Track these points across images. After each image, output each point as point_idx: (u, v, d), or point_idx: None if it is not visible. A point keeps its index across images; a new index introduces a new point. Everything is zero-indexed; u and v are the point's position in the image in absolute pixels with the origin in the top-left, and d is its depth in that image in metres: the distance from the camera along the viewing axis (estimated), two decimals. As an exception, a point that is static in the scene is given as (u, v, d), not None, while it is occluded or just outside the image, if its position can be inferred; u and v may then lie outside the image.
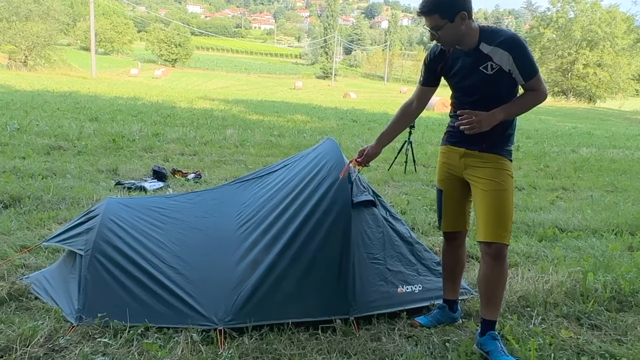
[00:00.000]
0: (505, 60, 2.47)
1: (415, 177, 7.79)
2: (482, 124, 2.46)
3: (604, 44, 57.84)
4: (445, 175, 2.83)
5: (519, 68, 2.48)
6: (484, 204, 2.59)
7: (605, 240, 4.92)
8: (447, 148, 2.81)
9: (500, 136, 2.61)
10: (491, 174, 2.60)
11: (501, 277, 2.61)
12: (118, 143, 8.74)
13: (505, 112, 2.52)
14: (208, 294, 2.73)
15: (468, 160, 2.68)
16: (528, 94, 2.57)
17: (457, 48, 2.60)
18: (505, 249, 2.58)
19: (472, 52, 2.53)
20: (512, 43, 2.46)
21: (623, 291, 3.46)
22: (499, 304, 2.68)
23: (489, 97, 2.56)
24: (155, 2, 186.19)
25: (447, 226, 2.89)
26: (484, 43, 2.50)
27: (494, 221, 2.55)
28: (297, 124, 15.47)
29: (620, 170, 10.01)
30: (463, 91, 2.65)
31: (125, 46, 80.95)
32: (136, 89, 29.68)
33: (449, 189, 2.83)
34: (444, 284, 3.00)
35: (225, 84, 63.72)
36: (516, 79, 2.52)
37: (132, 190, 5.74)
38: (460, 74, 2.60)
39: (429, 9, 2.46)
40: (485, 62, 2.50)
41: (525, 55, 2.48)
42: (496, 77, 2.51)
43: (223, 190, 3.52)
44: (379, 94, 65.26)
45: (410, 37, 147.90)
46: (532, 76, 2.51)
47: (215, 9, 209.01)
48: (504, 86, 2.55)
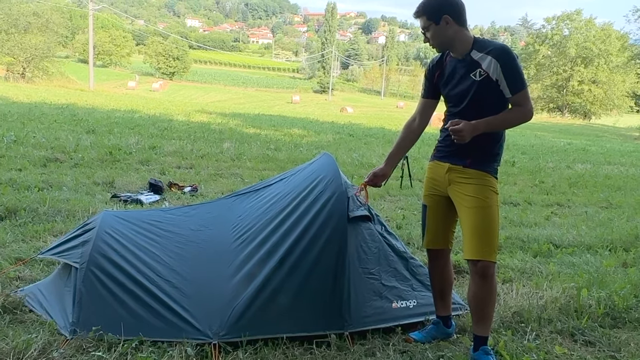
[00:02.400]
0: (493, 67, 2.52)
1: (411, 192, 7.81)
2: (464, 134, 2.49)
3: (599, 61, 58.42)
4: (430, 191, 2.87)
5: (506, 79, 2.52)
6: (469, 221, 2.61)
7: (599, 256, 4.94)
8: (434, 164, 2.85)
9: (485, 152, 2.64)
10: (475, 190, 2.62)
11: (490, 295, 2.63)
12: (115, 156, 8.75)
13: (486, 124, 2.54)
14: (203, 308, 2.73)
15: (452, 175, 2.71)
16: (513, 110, 2.60)
17: (452, 57, 2.68)
18: (492, 266, 2.59)
19: (464, 59, 2.62)
20: (502, 52, 2.53)
21: (617, 307, 3.47)
22: (489, 320, 2.70)
23: (474, 105, 2.60)
24: (154, 16, 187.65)
25: (429, 243, 2.91)
26: (475, 50, 2.59)
27: (478, 239, 2.58)
28: (294, 138, 15.52)
29: (614, 187, 10.07)
30: (453, 99, 2.71)
31: (124, 59, 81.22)
32: (134, 102, 29.75)
33: (433, 206, 2.86)
34: (435, 301, 3.01)
35: (223, 98, 63.90)
36: (503, 91, 2.55)
37: (129, 203, 5.75)
38: (453, 81, 2.67)
39: (417, 11, 2.65)
40: (475, 68, 2.57)
41: (513, 66, 2.53)
42: (483, 85, 2.56)
43: (219, 204, 3.54)
44: (375, 109, 65.54)
45: (407, 52, 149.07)
46: (518, 90, 2.54)
47: (214, 23, 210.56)
48: (490, 96, 2.58)
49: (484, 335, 2.68)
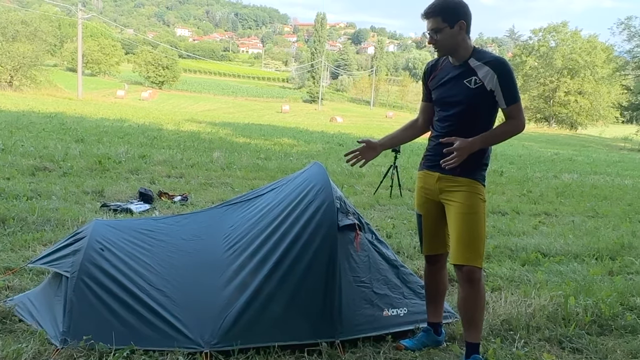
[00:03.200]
0: (489, 78, 2.57)
1: (401, 201, 7.87)
2: (460, 155, 2.54)
3: (585, 73, 59.31)
4: (423, 199, 2.90)
5: (502, 90, 2.58)
6: (456, 227, 2.67)
7: (586, 264, 5.01)
8: (424, 173, 2.89)
9: (474, 161, 2.68)
10: (464, 197, 2.67)
11: (477, 300, 2.67)
12: (104, 165, 8.72)
13: (482, 140, 2.60)
14: (194, 317, 2.73)
15: (443, 184, 2.75)
16: (508, 122, 2.65)
17: (449, 62, 2.73)
18: (477, 272, 2.64)
19: (460, 66, 2.66)
20: (500, 64, 2.59)
21: (603, 315, 3.52)
22: (479, 326, 2.74)
23: (466, 113, 2.64)
24: (143, 25, 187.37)
25: (428, 249, 2.95)
26: (474, 58, 2.64)
27: (464, 244, 2.63)
28: (283, 148, 15.56)
29: (601, 196, 10.20)
30: (443, 104, 2.73)
31: (113, 68, 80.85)
32: (123, 111, 29.64)
33: (427, 213, 2.89)
34: (427, 307, 3.05)
35: (213, 107, 63.83)
36: (498, 102, 2.61)
37: (118, 212, 5.73)
38: (445, 85, 2.71)
39: (433, 11, 2.61)
40: (470, 76, 2.62)
41: (510, 78, 2.59)
42: (477, 94, 2.60)
43: (211, 213, 3.55)
44: (365, 119, 65.81)
45: (396, 63, 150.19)
46: (513, 102, 2.60)
47: (204, 32, 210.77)
48: (483, 106, 2.63)
49: (475, 342, 2.72)
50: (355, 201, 7.46)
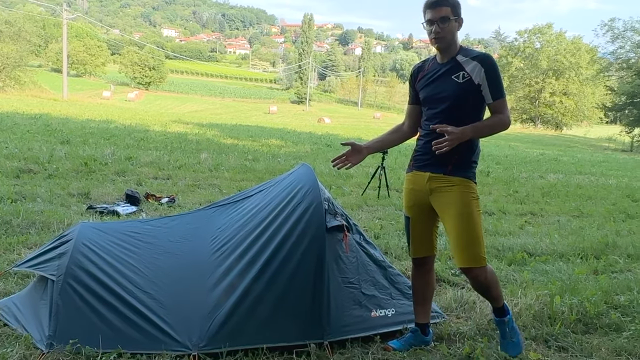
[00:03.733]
0: (476, 72, 2.64)
1: (389, 202, 7.90)
2: (452, 140, 2.54)
3: (569, 74, 60.00)
4: (412, 202, 2.91)
5: (489, 84, 2.64)
6: (454, 230, 2.71)
7: (571, 264, 5.06)
8: (413, 174, 2.89)
9: (464, 158, 2.72)
10: (457, 198, 2.70)
11: (489, 286, 2.79)
12: (90, 166, 8.64)
13: (473, 130, 2.62)
14: (182, 319, 2.72)
15: (434, 184, 2.77)
16: (495, 117, 2.71)
17: (436, 61, 2.79)
18: (484, 269, 2.74)
19: (448, 62, 2.72)
20: (486, 59, 2.67)
21: (588, 314, 3.56)
22: (498, 296, 2.87)
23: (454, 108, 2.68)
24: (129, 25, 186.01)
25: (416, 252, 2.96)
26: (461, 55, 2.71)
27: (467, 246, 2.69)
28: (271, 149, 15.54)
29: (585, 196, 10.33)
30: (432, 102, 2.76)
31: (98, 68, 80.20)
32: (109, 112, 29.40)
33: (415, 216, 2.91)
34: (415, 308, 3.06)
35: (200, 108, 63.56)
36: (485, 96, 2.67)
37: (105, 214, 5.68)
38: (434, 83, 2.75)
39: (444, 0, 2.64)
40: (458, 71, 2.68)
41: (496, 73, 2.67)
42: (465, 88, 2.65)
43: (198, 215, 3.54)
44: (352, 119, 65.96)
45: (384, 64, 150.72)
46: (499, 97, 2.67)
47: (190, 33, 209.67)
48: (470, 101, 2.68)
49: (497, 306, 2.88)
50: (343, 202, 7.47)
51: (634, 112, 43.88)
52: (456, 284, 4.20)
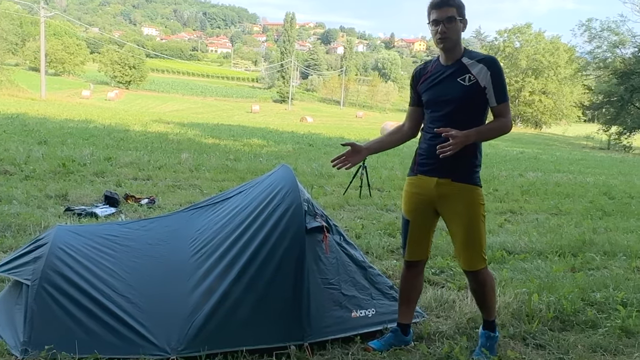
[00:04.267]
0: (483, 75, 2.64)
1: (370, 202, 7.92)
2: (456, 144, 2.54)
3: (548, 73, 60.85)
4: (415, 205, 2.89)
5: (494, 88, 2.66)
6: (461, 235, 2.79)
7: (549, 261, 5.13)
8: (418, 178, 2.86)
9: (470, 164, 2.76)
10: (465, 205, 2.75)
11: (487, 289, 2.90)
12: (68, 167, 8.51)
13: (477, 133, 2.64)
14: (161, 323, 2.70)
15: (442, 189, 2.77)
16: (498, 120, 2.74)
17: (439, 63, 2.77)
18: (485, 269, 2.88)
19: (453, 64, 2.71)
20: (493, 62, 2.69)
21: (565, 311, 3.62)
22: (492, 306, 2.98)
23: (459, 111, 2.68)
24: (109, 24, 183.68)
25: (411, 255, 2.96)
26: (466, 57, 2.71)
27: (472, 250, 2.79)
28: (253, 148, 15.48)
29: (564, 194, 10.48)
30: (436, 104, 2.75)
31: (77, 67, 79.04)
32: (88, 112, 29.01)
33: (417, 220, 2.89)
34: (400, 308, 3.07)
35: (181, 107, 63.07)
36: (489, 99, 2.68)
37: (83, 216, 5.60)
38: (439, 85, 2.74)
39: (449, 0, 2.65)
40: (464, 73, 2.67)
41: (501, 76, 2.69)
42: (471, 91, 2.65)
43: (177, 217, 3.51)
44: (335, 119, 66.06)
45: (366, 63, 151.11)
46: (503, 100, 2.70)
47: (171, 31, 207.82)
48: (475, 104, 2.69)
49: (489, 319, 2.98)
50: (324, 202, 7.47)
51: (611, 111, 44.65)
52: (436, 283, 4.23)
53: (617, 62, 44.22)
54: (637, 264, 5.24)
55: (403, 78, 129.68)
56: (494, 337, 3.00)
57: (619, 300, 3.90)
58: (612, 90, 43.03)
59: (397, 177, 10.94)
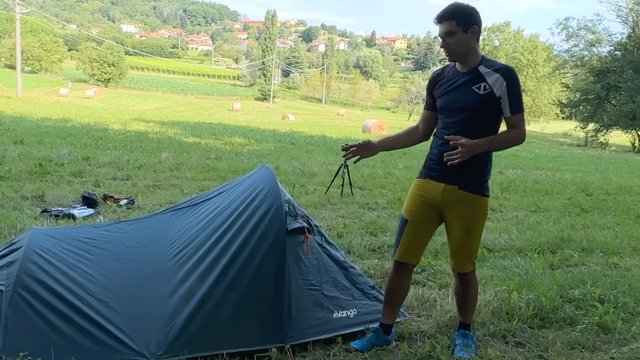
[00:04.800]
0: (498, 85, 2.62)
1: (352, 200, 7.92)
2: (464, 152, 2.54)
3: (527, 71, 61.54)
4: (417, 208, 2.88)
5: (509, 98, 2.63)
6: (458, 240, 2.85)
7: (529, 259, 5.18)
8: (426, 182, 2.86)
9: (478, 173, 2.77)
10: (468, 214, 2.79)
11: (471, 291, 3.00)
12: (45, 168, 8.35)
13: (487, 143, 2.63)
14: (139, 327, 2.65)
15: (448, 196, 2.77)
16: (511, 131, 2.70)
17: (456, 69, 2.76)
18: (473, 272, 2.97)
19: (469, 72, 2.70)
20: (510, 72, 2.65)
21: (544, 308, 3.66)
22: (472, 310, 3.07)
23: (472, 119, 2.67)
24: (87, 21, 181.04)
25: (402, 256, 2.94)
26: (483, 66, 2.68)
27: (466, 254, 2.88)
28: (234, 147, 15.38)
29: (542, 191, 10.61)
30: (450, 111, 2.75)
31: (55, 65, 77.79)
32: (66, 110, 28.55)
33: (415, 222, 2.88)
34: (384, 308, 3.05)
35: (161, 105, 62.45)
36: (504, 109, 2.66)
37: (60, 218, 5.49)
38: (454, 92, 2.73)
39: (446, 15, 2.64)
40: (479, 82, 2.65)
41: (517, 87, 2.66)
42: (485, 100, 2.64)
43: (156, 219, 3.46)
44: (317, 116, 66.04)
45: (347, 60, 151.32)
46: (518, 111, 2.67)
47: (151, 29, 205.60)
48: (488, 113, 2.68)
49: (466, 322, 3.05)
50: (306, 200, 7.45)
51: (588, 109, 45.34)
52: (417, 282, 4.24)
53: (594, 60, 44.93)
54: (614, 260, 5.34)
55: (384, 76, 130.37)
56: (470, 335, 3.05)
57: (597, 296, 3.96)
58: (589, 88, 43.73)
59: (379, 176, 10.97)
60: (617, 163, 23.08)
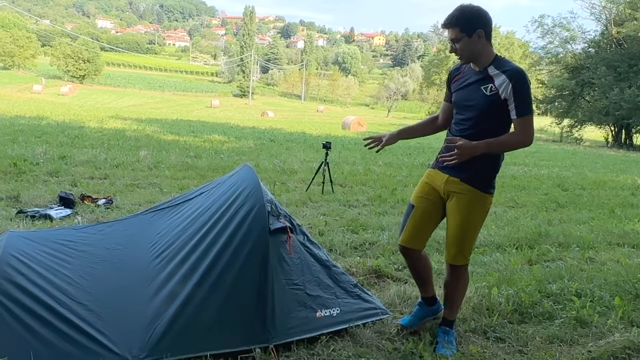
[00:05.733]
0: (504, 87, 2.65)
1: (333, 198, 7.93)
2: (461, 155, 2.64)
3: (503, 67, 62.21)
4: (423, 193, 3.02)
5: (515, 100, 2.64)
6: (454, 231, 2.91)
7: (507, 254, 5.26)
8: (434, 171, 3.02)
9: (483, 171, 2.82)
10: (465, 205, 2.85)
11: (458, 285, 3.05)
12: (20, 167, 8.18)
13: (486, 146, 2.68)
14: (121, 331, 2.62)
15: (449, 187, 2.89)
16: (515, 133, 2.73)
17: (470, 67, 2.83)
18: (463, 267, 3.02)
19: (480, 72, 2.77)
20: (517, 74, 2.65)
21: (524, 303, 3.72)
22: (457, 307, 3.14)
23: (480, 118, 2.74)
24: (60, 16, 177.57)
25: (405, 240, 3.06)
26: (493, 66, 2.73)
27: (460, 247, 2.94)
28: (214, 145, 15.26)
29: (519, 187, 10.77)
30: (460, 107, 2.86)
31: (28, 61, 76.17)
32: (40, 107, 27.99)
33: (421, 207, 3.02)
34: (418, 287, 3.29)
35: (138, 102, 61.65)
36: (510, 112, 2.68)
37: (37, 218, 5.39)
38: (464, 90, 2.83)
39: (450, 22, 2.70)
40: (487, 83, 2.71)
41: (525, 90, 2.66)
42: (491, 101, 2.68)
43: (136, 220, 3.42)
44: (296, 113, 65.92)
45: (326, 57, 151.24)
46: (524, 114, 2.67)
47: (127, 24, 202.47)
48: (495, 114, 2.71)
49: (450, 319, 3.10)
50: (287, 198, 7.44)
51: (563, 105, 46.16)
52: (399, 279, 4.28)
53: (569, 57, 45.71)
54: (590, 254, 5.46)
55: (363, 72, 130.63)
56: (451, 332, 3.11)
57: (574, 291, 4.06)
58: (563, 84, 44.48)
59: (359, 173, 11.01)
60: (591, 158, 23.58)
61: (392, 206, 7.60)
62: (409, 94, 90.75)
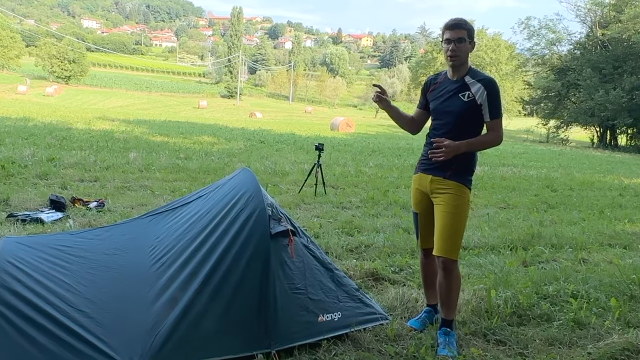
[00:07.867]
0: (480, 93, 3.04)
1: (326, 199, 7.92)
2: (447, 153, 2.99)
3: (490, 69, 62.63)
4: (418, 199, 3.31)
5: (489, 105, 3.05)
6: (440, 223, 3.10)
7: (502, 256, 5.29)
8: (419, 176, 3.30)
9: (463, 167, 3.12)
10: (450, 198, 3.09)
11: (451, 285, 3.12)
12: (8, 170, 8.06)
13: (467, 145, 3.06)
14: (122, 338, 2.58)
15: (434, 185, 3.16)
16: (489, 134, 3.14)
17: (447, 77, 3.17)
18: (453, 263, 3.11)
19: (457, 81, 3.12)
20: (491, 83, 3.07)
21: (522, 306, 3.74)
22: (453, 306, 3.17)
23: (457, 123, 3.08)
24: (45, 15, 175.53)
25: (424, 243, 3.35)
26: (469, 76, 3.11)
27: (445, 239, 3.08)
28: (204, 146, 15.19)
29: (510, 187, 10.85)
30: (439, 114, 3.17)
31: (12, 61, 75.12)
32: (26, 108, 27.63)
33: (422, 212, 3.31)
34: (425, 291, 3.50)
35: (125, 103, 61.14)
36: (484, 115, 3.07)
37: (28, 222, 5.30)
38: (442, 97, 3.15)
39: (461, 24, 3.06)
40: (465, 90, 3.08)
41: (497, 96, 3.07)
42: (468, 106, 3.05)
43: (134, 225, 3.37)
44: (284, 114, 65.82)
45: (314, 58, 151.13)
46: (497, 116, 3.09)
47: (113, 24, 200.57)
48: (471, 118, 3.08)
49: (448, 319, 3.15)
50: (280, 200, 7.41)
51: (549, 105, 46.63)
52: (397, 282, 4.27)
53: (554, 58, 46.20)
54: (583, 255, 5.50)
55: (351, 73, 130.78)
56: (452, 334, 3.13)
57: (570, 292, 4.08)
58: (549, 85, 44.95)
59: (351, 174, 11.01)
60: (578, 159, 23.83)
61: (385, 208, 7.60)
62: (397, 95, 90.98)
